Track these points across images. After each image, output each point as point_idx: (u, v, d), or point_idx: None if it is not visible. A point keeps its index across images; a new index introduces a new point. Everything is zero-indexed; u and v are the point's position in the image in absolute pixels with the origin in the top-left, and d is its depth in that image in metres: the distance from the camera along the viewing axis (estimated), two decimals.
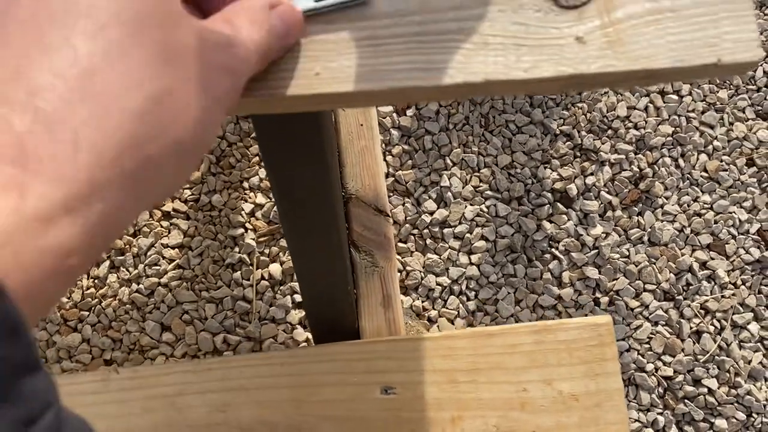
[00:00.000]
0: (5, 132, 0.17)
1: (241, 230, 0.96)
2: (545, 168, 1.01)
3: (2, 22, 0.19)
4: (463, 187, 1.00)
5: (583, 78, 0.27)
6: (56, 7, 0.19)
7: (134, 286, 0.94)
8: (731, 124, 1.04)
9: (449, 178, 0.99)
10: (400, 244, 0.96)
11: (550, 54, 0.27)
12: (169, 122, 0.20)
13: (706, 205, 1.00)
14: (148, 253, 0.95)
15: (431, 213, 0.98)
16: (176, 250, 0.96)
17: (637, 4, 0.28)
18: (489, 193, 0.99)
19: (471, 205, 0.99)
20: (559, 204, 0.99)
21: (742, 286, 0.97)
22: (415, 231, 0.98)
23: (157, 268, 0.94)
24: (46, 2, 0.19)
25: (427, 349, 0.67)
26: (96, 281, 0.95)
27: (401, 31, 0.28)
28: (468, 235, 0.97)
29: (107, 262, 0.95)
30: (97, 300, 0.94)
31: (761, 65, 1.07)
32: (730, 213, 1.00)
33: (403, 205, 0.98)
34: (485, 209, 0.99)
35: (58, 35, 0.19)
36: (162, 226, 0.97)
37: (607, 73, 0.27)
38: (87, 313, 0.93)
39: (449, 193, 0.99)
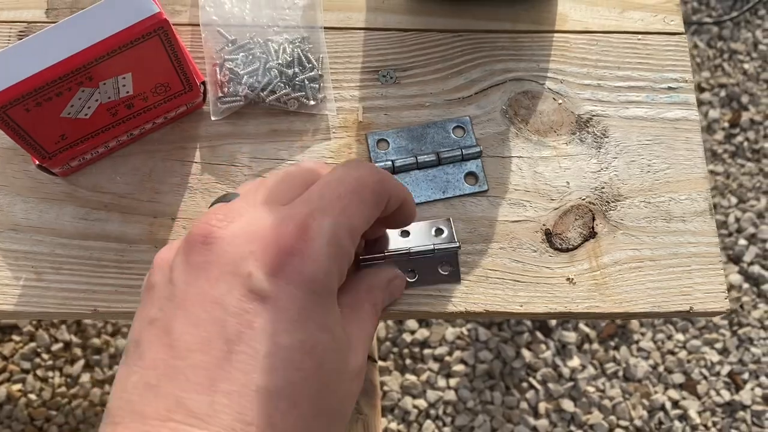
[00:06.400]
0: None
1: None
2: None
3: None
4: None
5: (570, 314, 0.30)
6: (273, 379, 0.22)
7: (107, 388, 0.93)
8: None
9: None
10: (380, 362, 0.97)
11: (543, 292, 0.30)
12: None
13: (679, 344, 1.03)
14: None
15: (412, 332, 1.00)
16: None
17: (622, 252, 0.31)
18: None
19: (452, 327, 1.01)
20: (538, 333, 1.02)
21: (713, 428, 0.99)
22: (395, 349, 0.99)
23: None
24: (273, 371, 0.22)
25: None
26: (68, 380, 0.94)
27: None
28: (447, 357, 0.99)
29: (82, 361, 0.95)
30: (67, 400, 0.93)
31: (731, 211, 1.13)
32: (702, 353, 1.03)
33: (385, 321, 1.00)
34: (465, 332, 1.01)
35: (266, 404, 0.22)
36: None
37: (592, 312, 0.30)
38: (55, 412, 0.92)
39: None
